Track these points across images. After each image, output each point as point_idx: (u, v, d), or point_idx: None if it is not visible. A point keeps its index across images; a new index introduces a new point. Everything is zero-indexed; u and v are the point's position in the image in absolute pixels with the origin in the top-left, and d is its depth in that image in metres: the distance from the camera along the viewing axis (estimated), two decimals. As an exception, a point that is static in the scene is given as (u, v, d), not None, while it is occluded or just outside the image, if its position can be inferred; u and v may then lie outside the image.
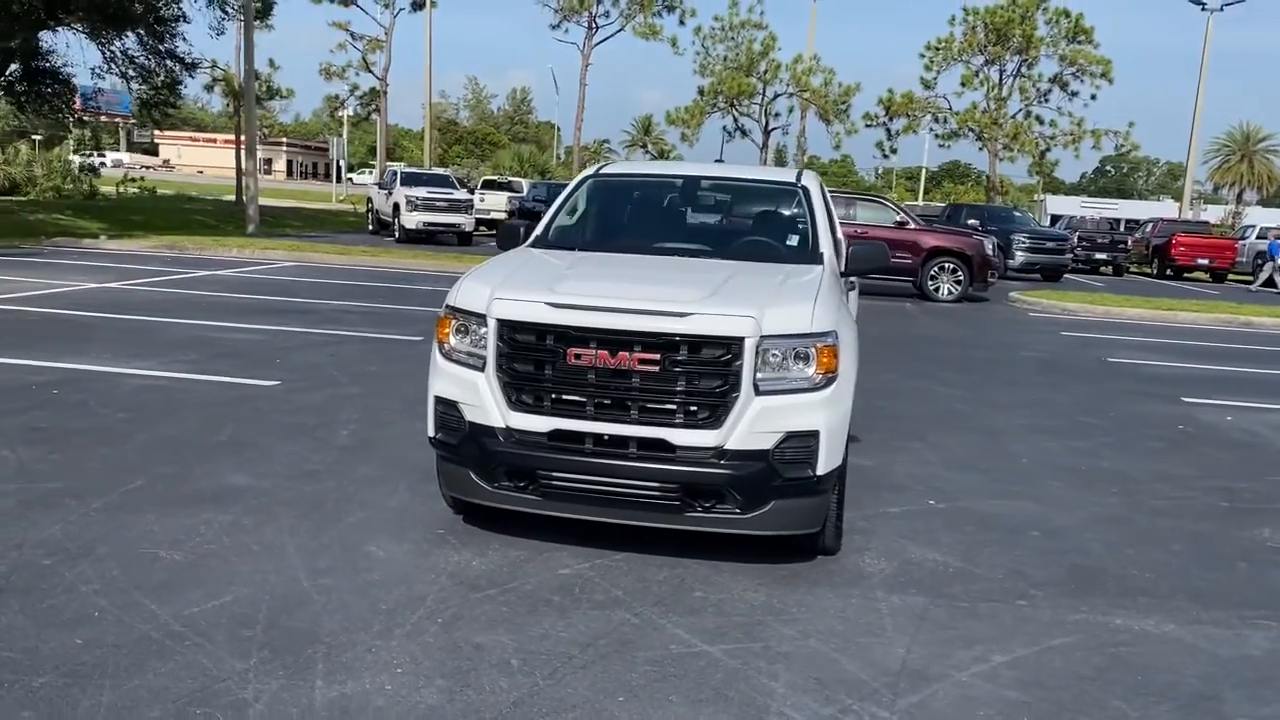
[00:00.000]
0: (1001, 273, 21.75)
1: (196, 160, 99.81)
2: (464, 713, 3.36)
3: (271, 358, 9.36)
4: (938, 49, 40.75)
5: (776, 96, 40.65)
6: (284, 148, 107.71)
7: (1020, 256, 26.25)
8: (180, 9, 30.98)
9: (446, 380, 4.77)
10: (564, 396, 4.50)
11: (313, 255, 20.95)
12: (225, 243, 21.83)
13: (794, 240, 5.90)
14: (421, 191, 27.61)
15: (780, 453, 4.43)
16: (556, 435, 4.53)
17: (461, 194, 29.20)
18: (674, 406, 4.42)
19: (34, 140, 44.77)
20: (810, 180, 6.32)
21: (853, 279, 6.61)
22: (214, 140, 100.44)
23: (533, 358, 4.52)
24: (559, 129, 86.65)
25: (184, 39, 30.97)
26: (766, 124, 41.58)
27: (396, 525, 5.14)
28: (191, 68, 31.73)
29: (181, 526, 4.90)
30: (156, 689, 3.39)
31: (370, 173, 60.73)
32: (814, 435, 4.46)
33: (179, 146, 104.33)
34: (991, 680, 3.83)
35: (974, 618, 4.41)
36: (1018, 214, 32.46)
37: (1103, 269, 33.71)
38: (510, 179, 39.08)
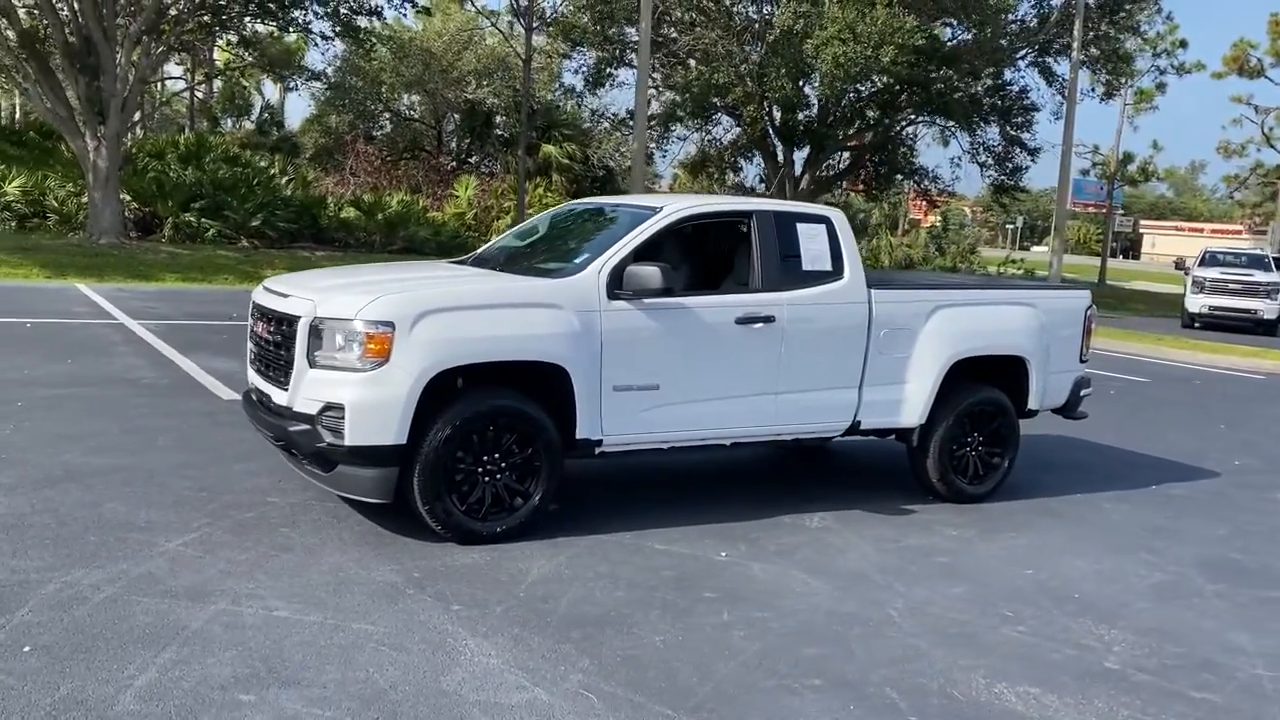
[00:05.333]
0: None
1: (1172, 249, 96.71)
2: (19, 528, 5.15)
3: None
4: None
5: None
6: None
7: None
8: (1031, 99, 33.11)
9: None
10: (255, 359, 5.89)
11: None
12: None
13: (580, 258, 5.86)
14: (1214, 273, 24.81)
15: (321, 419, 5.17)
16: (253, 391, 5.93)
17: (1270, 277, 25.23)
18: (279, 371, 5.49)
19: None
20: (674, 207, 6.08)
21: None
22: (1200, 230, 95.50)
23: (252, 329, 5.96)
24: None
25: (1031, 126, 32.93)
26: None
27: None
28: (1034, 153, 33.45)
29: (204, 429, 7.32)
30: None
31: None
32: (341, 409, 5.08)
33: (1154, 236, 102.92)
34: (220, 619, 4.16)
35: (385, 600, 4.48)
36: None
37: None
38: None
